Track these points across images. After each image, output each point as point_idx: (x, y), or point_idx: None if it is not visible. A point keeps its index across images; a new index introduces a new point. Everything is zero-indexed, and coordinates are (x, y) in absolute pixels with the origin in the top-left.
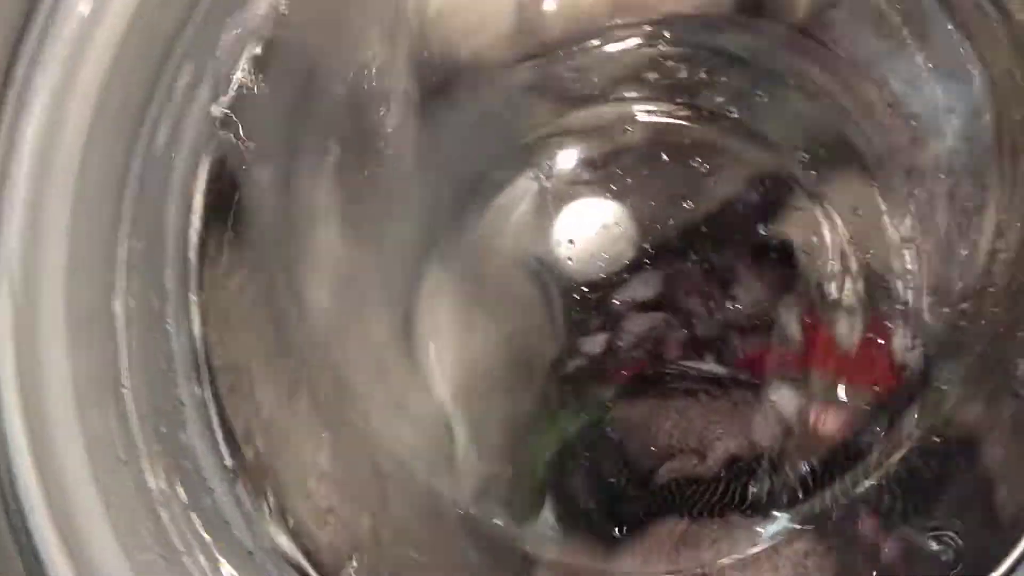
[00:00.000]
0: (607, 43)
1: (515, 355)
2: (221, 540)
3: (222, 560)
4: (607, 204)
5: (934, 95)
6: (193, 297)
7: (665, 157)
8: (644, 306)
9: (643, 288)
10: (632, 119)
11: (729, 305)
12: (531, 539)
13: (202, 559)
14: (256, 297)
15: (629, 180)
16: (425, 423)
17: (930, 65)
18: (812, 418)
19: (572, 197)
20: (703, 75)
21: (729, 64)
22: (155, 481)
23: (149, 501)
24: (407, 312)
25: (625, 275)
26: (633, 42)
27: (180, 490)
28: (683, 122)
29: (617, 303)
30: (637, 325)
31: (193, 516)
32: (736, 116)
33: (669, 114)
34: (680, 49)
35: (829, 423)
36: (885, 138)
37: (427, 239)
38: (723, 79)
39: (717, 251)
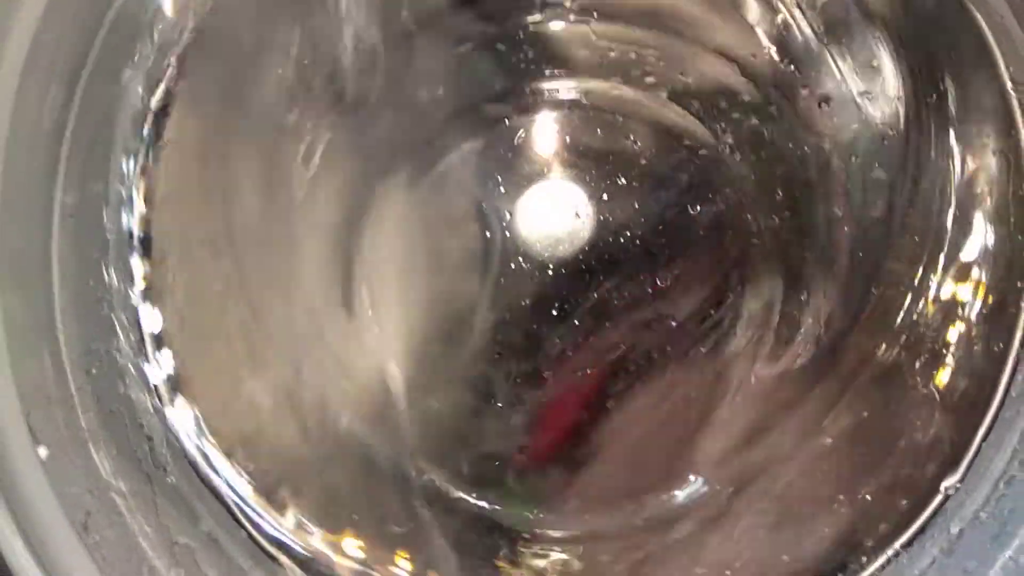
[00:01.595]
0: (549, 20)
1: (453, 318)
2: (152, 477)
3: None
4: (546, 178)
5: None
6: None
7: (599, 132)
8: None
9: (579, 263)
10: (571, 96)
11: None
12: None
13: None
14: (194, 246)
15: (568, 155)
16: (361, 380)
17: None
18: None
19: (511, 169)
20: (633, 55)
21: (660, 45)
22: (84, 419)
23: (79, 438)
24: (346, 271)
25: (561, 249)
26: (571, 18)
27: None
28: (618, 101)
29: (551, 273)
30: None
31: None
32: (666, 97)
33: (605, 92)
34: (613, 28)
35: None
36: (802, 118)
37: (366, 200)
38: (652, 59)
39: (650, 230)
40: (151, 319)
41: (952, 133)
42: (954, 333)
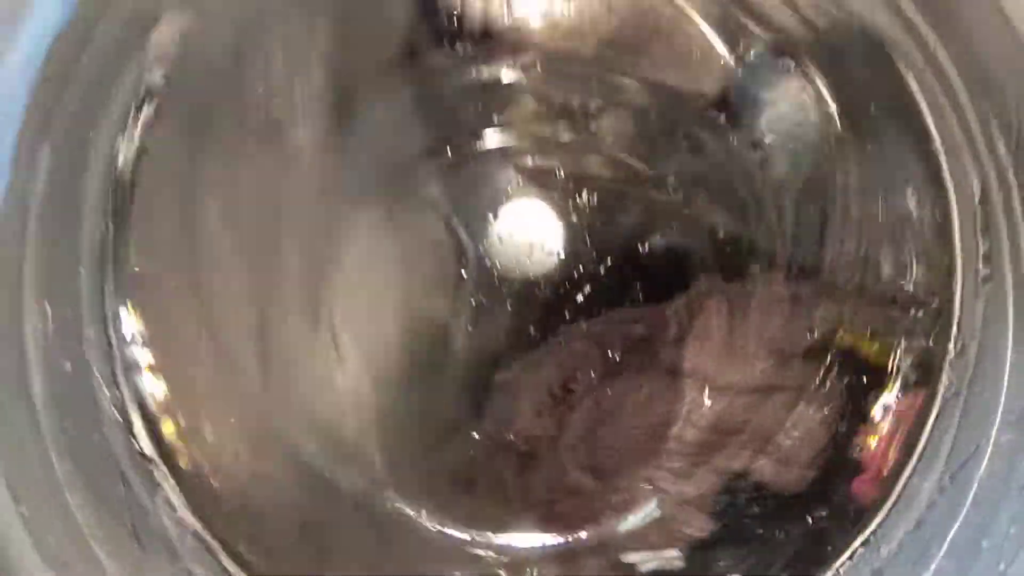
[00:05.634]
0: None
1: (424, 347)
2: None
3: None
4: (517, 206)
5: None
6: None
7: (544, 176)
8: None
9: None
10: (516, 144)
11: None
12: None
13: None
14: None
15: (516, 203)
16: (331, 411)
17: None
18: None
19: (476, 197)
20: (577, 102)
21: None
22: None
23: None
24: (317, 295)
25: (530, 275)
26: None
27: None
28: (563, 147)
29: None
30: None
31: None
32: (612, 141)
33: (551, 139)
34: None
35: None
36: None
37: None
38: (597, 105)
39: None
40: (127, 364)
41: (880, 183)
42: (891, 352)
